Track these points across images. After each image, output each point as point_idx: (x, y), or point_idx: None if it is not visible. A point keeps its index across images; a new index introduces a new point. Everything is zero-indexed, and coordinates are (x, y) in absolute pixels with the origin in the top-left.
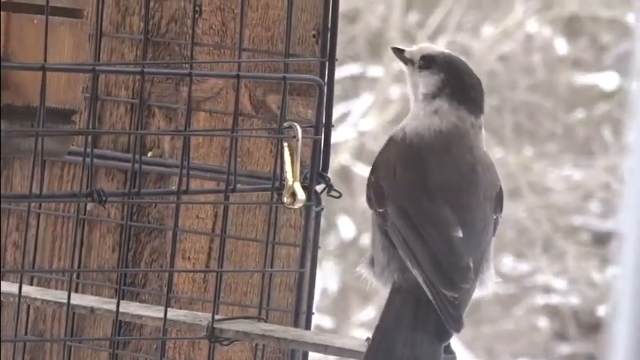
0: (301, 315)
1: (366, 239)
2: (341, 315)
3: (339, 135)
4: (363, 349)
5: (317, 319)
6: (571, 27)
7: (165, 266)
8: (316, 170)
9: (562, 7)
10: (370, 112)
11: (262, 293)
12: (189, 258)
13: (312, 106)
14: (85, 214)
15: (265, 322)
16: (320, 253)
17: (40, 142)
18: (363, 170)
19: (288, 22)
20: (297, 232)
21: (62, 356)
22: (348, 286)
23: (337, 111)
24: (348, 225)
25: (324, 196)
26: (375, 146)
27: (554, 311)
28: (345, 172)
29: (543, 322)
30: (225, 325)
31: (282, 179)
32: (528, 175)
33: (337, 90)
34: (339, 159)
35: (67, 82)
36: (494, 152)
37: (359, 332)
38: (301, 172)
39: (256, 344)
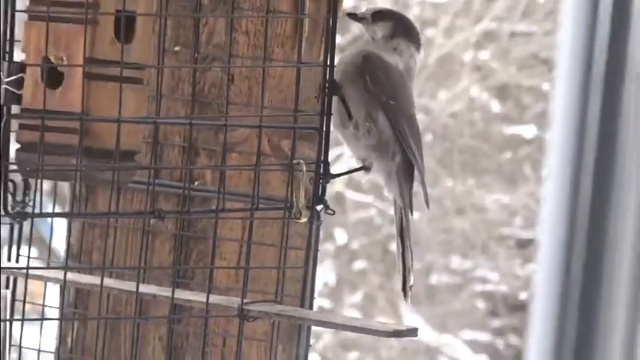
0: (306, 299)
1: (354, 245)
2: (337, 299)
3: (334, 169)
4: (351, 323)
5: (319, 302)
6: (502, 92)
7: (208, 264)
8: (316, 195)
9: (496, 77)
10: None
11: (278, 284)
12: (225, 258)
13: (314, 149)
14: (149, 227)
15: (280, 304)
16: (321, 255)
17: (116, 174)
18: (352, 195)
19: (296, 87)
20: (303, 240)
21: (132, 331)
22: (341, 278)
23: (334, 152)
24: (342, 234)
25: (322, 214)
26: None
27: (489, 296)
28: (340, 197)
29: (481, 304)
30: (251, 307)
31: (292, 201)
32: (471, 199)
33: (332, 137)
34: (335, 187)
35: (131, 131)
36: (446, 182)
37: (350, 311)
38: (306, 196)
39: (274, 320)
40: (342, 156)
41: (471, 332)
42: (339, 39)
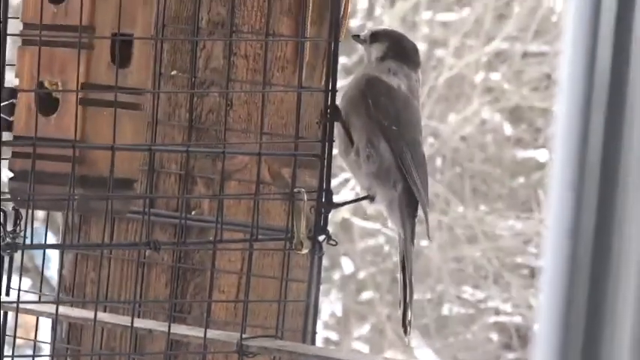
0: (308, 333)
1: (362, 274)
2: (343, 331)
3: (340, 196)
4: (356, 359)
5: (325, 333)
6: (514, 114)
7: (205, 297)
8: (318, 225)
9: (508, 99)
10: None
11: (278, 318)
12: (223, 291)
13: (315, 176)
14: (144, 259)
15: (281, 339)
16: (327, 285)
17: (110, 204)
18: (359, 222)
19: (297, 112)
20: (304, 272)
21: None
22: (348, 309)
23: (340, 178)
24: (348, 264)
25: (325, 245)
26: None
27: (502, 327)
28: (346, 224)
29: (494, 336)
30: (250, 342)
31: (293, 231)
32: (482, 226)
33: (335, 164)
34: (341, 214)
35: (128, 158)
36: (457, 209)
37: (357, 344)
38: (307, 226)
39: (274, 356)
40: (349, 181)
41: None
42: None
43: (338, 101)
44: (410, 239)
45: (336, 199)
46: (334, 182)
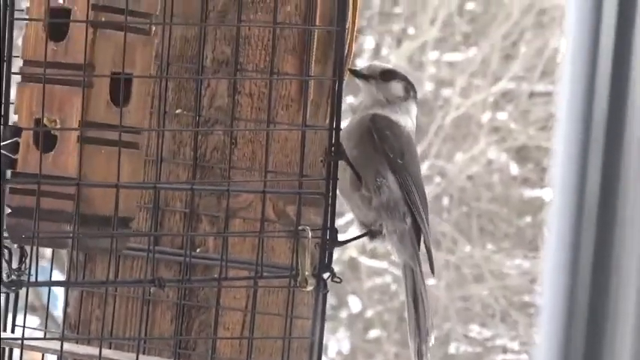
0: None
1: (369, 313)
2: None
3: (347, 235)
4: None
5: None
6: (521, 154)
7: (210, 334)
8: (323, 262)
9: (514, 139)
10: None
11: (283, 355)
12: (228, 328)
13: (320, 214)
14: (149, 296)
15: None
16: (335, 322)
17: (112, 241)
18: (367, 261)
19: (301, 150)
20: (309, 309)
21: None
22: (356, 347)
23: (346, 217)
24: (356, 302)
25: (329, 282)
26: (377, 244)
27: None
28: (353, 263)
29: None
30: None
31: (297, 269)
32: (489, 265)
33: (339, 202)
34: (349, 253)
35: (126, 197)
36: (464, 248)
37: None
38: (312, 264)
39: None
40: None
41: None
42: (351, 99)
43: (342, 140)
44: (422, 272)
45: (342, 237)
46: (341, 221)
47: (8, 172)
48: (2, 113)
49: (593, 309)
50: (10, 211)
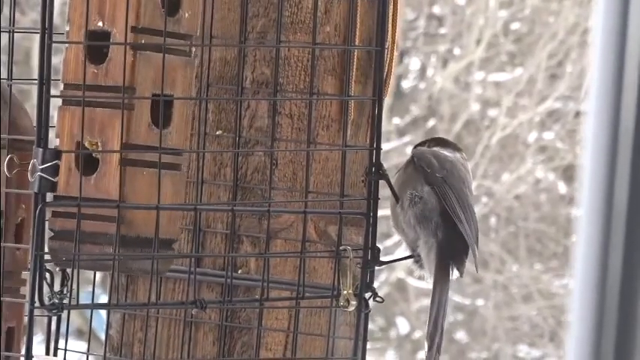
0: None
1: (417, 334)
2: None
3: (394, 256)
4: None
5: None
6: (568, 173)
7: (253, 356)
8: (365, 282)
9: (562, 158)
10: None
11: None
12: (270, 349)
13: (361, 234)
14: (191, 318)
15: None
16: (383, 343)
17: (155, 263)
18: (414, 282)
19: (342, 170)
20: (351, 329)
21: None
22: None
23: (394, 238)
24: (404, 323)
25: (371, 302)
26: None
27: None
28: (401, 284)
29: None
30: None
31: (339, 289)
32: (538, 284)
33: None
34: (396, 274)
35: (169, 219)
36: (512, 267)
37: None
38: (353, 284)
39: None
40: (402, 242)
41: None
42: (397, 121)
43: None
44: (439, 289)
45: (390, 258)
46: (389, 242)
47: (50, 195)
48: (42, 136)
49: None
50: (53, 234)
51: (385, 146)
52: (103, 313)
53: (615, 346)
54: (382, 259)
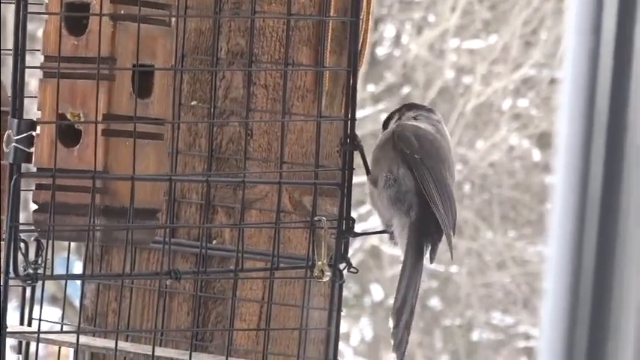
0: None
1: (392, 301)
2: (374, 357)
3: (369, 223)
4: None
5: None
6: (542, 140)
7: (227, 326)
8: (339, 253)
9: (536, 126)
10: None
11: (300, 345)
12: (244, 320)
13: (336, 205)
14: (166, 288)
15: None
16: (357, 311)
17: (131, 234)
18: (388, 249)
19: (317, 141)
20: (326, 299)
21: None
22: (379, 335)
23: (368, 206)
24: (378, 290)
25: (345, 272)
26: None
27: (532, 352)
28: (375, 251)
29: None
30: None
31: (314, 260)
32: (511, 251)
33: (366, 189)
34: (370, 241)
35: (152, 189)
36: (486, 234)
37: None
38: (328, 255)
39: None
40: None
41: None
42: (372, 88)
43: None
44: (410, 267)
45: (362, 227)
46: (362, 210)
47: (31, 167)
48: (17, 107)
49: (597, 291)
50: (37, 207)
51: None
52: (78, 281)
53: (590, 313)
54: (357, 230)
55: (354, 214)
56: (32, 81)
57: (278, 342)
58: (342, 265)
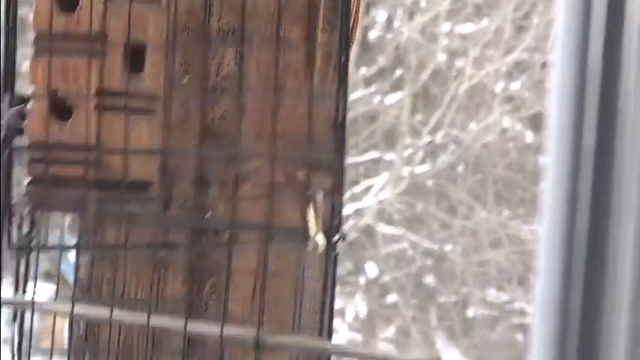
0: (324, 330)
1: (386, 278)
2: (369, 333)
3: (364, 203)
4: (373, 354)
5: (350, 335)
6: (535, 122)
7: (222, 297)
8: (333, 225)
9: (528, 108)
10: (387, 186)
11: (295, 315)
12: (239, 290)
13: (330, 177)
14: (160, 260)
15: (298, 336)
16: (352, 288)
17: (125, 206)
18: (383, 228)
19: (309, 117)
20: (320, 271)
21: None
22: (373, 312)
23: (362, 185)
24: (373, 268)
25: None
26: (392, 211)
27: (527, 329)
28: (370, 230)
29: (520, 337)
30: (267, 339)
31: (308, 232)
32: (506, 230)
33: (361, 170)
34: (365, 220)
35: (144, 161)
36: (480, 214)
37: (383, 345)
38: (322, 227)
39: (292, 352)
40: (371, 188)
41: None
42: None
43: None
44: None
45: (358, 205)
46: (357, 189)
47: (24, 142)
48: (9, 82)
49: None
50: (30, 179)
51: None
52: (72, 258)
53: (583, 290)
54: (364, 205)
55: (347, 195)
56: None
57: (273, 311)
58: (335, 237)
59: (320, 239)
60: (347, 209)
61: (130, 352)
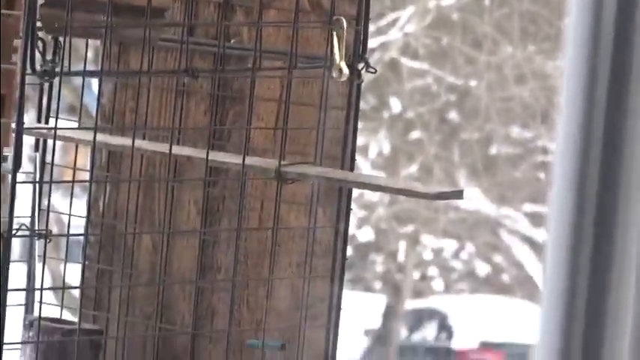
0: (346, 161)
1: (410, 114)
2: (392, 170)
3: (389, 36)
4: (393, 185)
5: (373, 172)
6: None
7: (244, 125)
8: (357, 52)
9: None
10: (412, 19)
11: (317, 145)
12: (262, 119)
13: (355, 5)
14: (183, 87)
15: (319, 166)
16: (375, 123)
17: (148, 31)
18: (408, 62)
19: None
20: (343, 99)
21: (167, 194)
22: (396, 148)
23: (388, 18)
24: (396, 103)
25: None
26: (417, 45)
27: (549, 167)
28: (394, 64)
29: (542, 175)
30: (289, 169)
31: (332, 59)
32: (531, 65)
33: (387, 2)
34: (390, 54)
35: None
36: (507, 49)
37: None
38: (346, 54)
39: (312, 182)
40: (398, 21)
41: (532, 205)
42: None
43: None
44: None
45: (384, 38)
46: (382, 22)
47: None
48: None
49: (611, 108)
50: (44, 1)
51: None
52: (95, 88)
53: (605, 119)
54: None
55: (372, 28)
56: None
57: (295, 141)
58: (360, 65)
59: (344, 66)
60: (372, 42)
61: (152, 182)
